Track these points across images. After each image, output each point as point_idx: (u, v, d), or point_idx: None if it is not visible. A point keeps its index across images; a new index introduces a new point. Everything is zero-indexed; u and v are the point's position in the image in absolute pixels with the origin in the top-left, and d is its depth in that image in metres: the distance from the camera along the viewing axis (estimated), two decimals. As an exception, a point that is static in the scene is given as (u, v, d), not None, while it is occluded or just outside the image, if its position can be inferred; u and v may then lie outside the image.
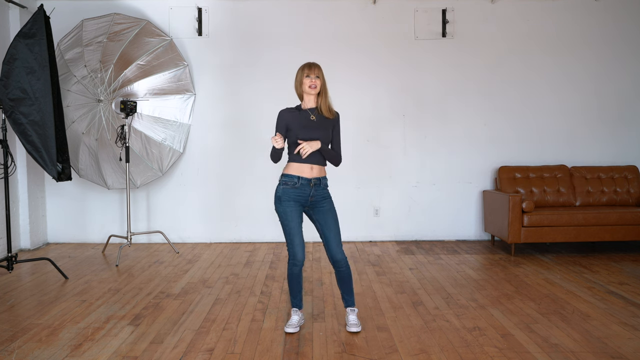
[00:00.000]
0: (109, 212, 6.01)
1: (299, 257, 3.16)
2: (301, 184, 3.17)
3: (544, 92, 6.04)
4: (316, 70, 3.20)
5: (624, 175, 5.86)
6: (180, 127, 5.67)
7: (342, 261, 3.20)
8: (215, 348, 3.00)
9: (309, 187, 3.18)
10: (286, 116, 3.24)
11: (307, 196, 3.19)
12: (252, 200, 6.01)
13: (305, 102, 3.27)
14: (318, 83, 3.18)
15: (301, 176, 3.17)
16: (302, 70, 3.22)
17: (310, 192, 3.19)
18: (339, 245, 3.20)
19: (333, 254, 3.19)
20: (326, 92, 3.23)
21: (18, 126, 4.40)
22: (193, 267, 4.90)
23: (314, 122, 3.21)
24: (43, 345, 3.04)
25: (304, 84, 3.20)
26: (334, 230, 3.20)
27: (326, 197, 3.24)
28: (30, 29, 4.43)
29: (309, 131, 3.18)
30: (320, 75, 3.20)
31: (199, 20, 5.89)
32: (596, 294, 3.98)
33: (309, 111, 3.24)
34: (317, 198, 3.21)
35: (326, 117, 3.23)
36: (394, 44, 5.99)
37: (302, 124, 3.19)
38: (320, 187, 3.21)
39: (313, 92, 3.19)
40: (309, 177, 3.18)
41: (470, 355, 2.89)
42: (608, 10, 6.01)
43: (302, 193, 3.18)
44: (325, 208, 3.22)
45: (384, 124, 6.01)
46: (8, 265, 4.34)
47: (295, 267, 3.19)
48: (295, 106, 3.32)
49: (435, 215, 6.10)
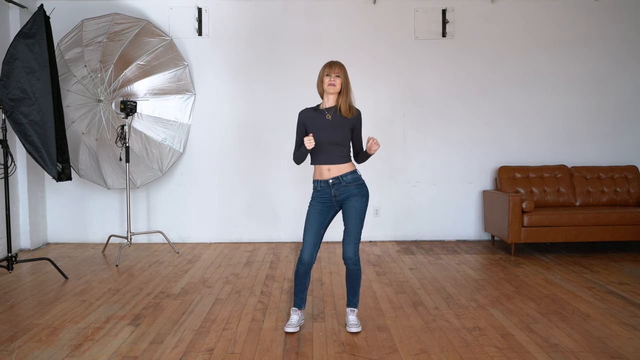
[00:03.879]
0: (109, 212, 6.01)
1: (304, 256, 3.16)
2: (321, 186, 3.22)
3: (544, 92, 6.04)
4: (337, 69, 3.18)
5: (624, 175, 5.86)
6: (180, 127, 5.67)
7: (350, 259, 3.19)
8: (215, 348, 3.00)
9: (328, 187, 3.20)
10: (304, 117, 3.27)
11: (330, 197, 3.21)
12: (253, 200, 6.01)
13: (324, 101, 3.26)
14: (338, 82, 3.17)
15: (320, 179, 3.23)
16: (323, 68, 3.22)
17: (331, 193, 3.20)
18: (351, 244, 3.18)
19: (344, 250, 3.20)
20: (348, 91, 3.20)
21: (18, 126, 4.40)
22: (193, 267, 4.90)
23: (330, 122, 3.19)
24: (43, 345, 3.04)
25: (324, 82, 3.19)
26: (350, 228, 3.19)
27: (353, 195, 3.20)
28: (30, 29, 4.43)
29: (324, 131, 3.18)
30: (340, 75, 3.18)
31: (199, 20, 5.89)
32: (596, 294, 3.98)
33: (325, 110, 3.23)
34: (342, 196, 3.21)
35: (344, 117, 3.21)
36: (394, 44, 5.99)
37: (318, 124, 3.20)
38: (341, 186, 3.20)
39: (332, 91, 3.18)
40: (327, 179, 3.20)
41: (470, 355, 2.89)
42: (608, 10, 6.01)
43: (324, 195, 3.22)
44: (349, 205, 3.20)
45: (384, 123, 6.01)
46: (8, 265, 4.34)
47: (301, 265, 3.20)
48: (315, 105, 3.33)
49: (435, 215, 6.10)
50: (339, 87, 3.19)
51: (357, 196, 3.21)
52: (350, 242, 3.19)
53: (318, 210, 3.21)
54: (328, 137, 3.17)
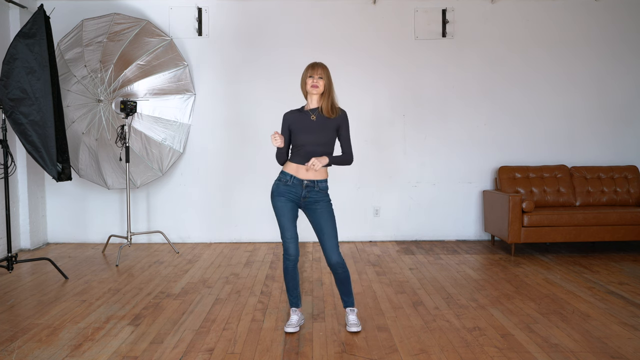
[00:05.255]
0: (109, 212, 6.01)
1: (291, 251, 3.16)
2: (293, 182, 3.18)
3: (544, 92, 6.05)
4: (319, 70, 3.17)
5: (624, 175, 5.86)
6: (180, 127, 5.67)
7: (337, 264, 3.17)
8: (215, 348, 3.00)
9: (301, 187, 3.18)
10: (289, 118, 3.26)
11: (299, 196, 3.19)
12: (252, 200, 6.01)
13: (309, 102, 3.26)
14: (321, 83, 3.16)
15: (295, 176, 3.19)
16: (306, 69, 3.21)
17: (302, 193, 3.18)
18: (334, 249, 3.15)
19: (328, 258, 3.16)
20: (330, 92, 3.20)
21: (18, 126, 4.40)
22: (193, 267, 4.90)
23: (314, 123, 3.19)
24: (43, 345, 3.04)
25: (307, 84, 3.19)
26: (328, 233, 3.16)
27: (320, 200, 3.20)
28: (30, 29, 4.43)
29: (309, 132, 3.17)
30: (323, 76, 3.17)
31: (199, 20, 5.89)
32: (596, 294, 3.98)
33: (310, 112, 3.23)
34: (310, 200, 3.19)
35: (327, 117, 3.21)
36: (394, 44, 5.99)
37: (303, 125, 3.19)
38: (314, 190, 3.19)
39: (315, 92, 3.17)
40: (302, 179, 3.18)
41: (470, 355, 2.89)
42: (608, 10, 6.01)
43: (293, 191, 3.18)
44: (318, 211, 3.18)
45: (384, 124, 6.01)
46: (8, 265, 4.34)
47: (289, 261, 3.19)
48: (299, 107, 3.32)
49: (435, 215, 6.10)
50: (322, 88, 3.18)
51: (323, 202, 3.21)
52: (333, 246, 3.15)
53: (290, 207, 3.18)
54: (313, 138, 3.17)
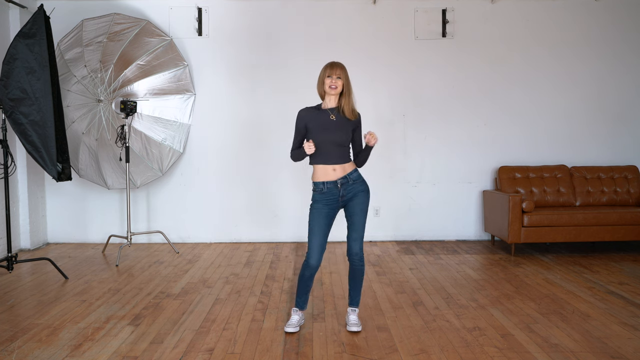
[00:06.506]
0: (109, 212, 6.01)
1: (312, 261, 3.13)
2: (328, 188, 3.16)
3: (544, 92, 6.04)
4: (338, 70, 3.15)
5: (624, 175, 5.86)
6: (180, 127, 5.67)
7: (357, 255, 3.20)
8: (215, 348, 3.00)
9: (337, 188, 3.17)
10: (305, 116, 3.21)
11: (337, 197, 3.17)
12: (252, 200, 6.01)
13: (325, 102, 3.23)
14: (339, 84, 3.15)
15: (326, 181, 3.17)
16: (324, 69, 3.18)
17: (339, 193, 3.17)
18: (358, 240, 3.20)
19: (350, 247, 3.21)
20: (349, 92, 3.18)
21: (18, 126, 4.40)
22: (193, 267, 4.90)
23: (334, 122, 3.17)
24: (43, 345, 3.04)
25: (325, 84, 3.17)
26: (357, 224, 3.19)
27: (359, 192, 3.20)
28: (30, 29, 4.42)
29: (328, 131, 3.15)
30: (342, 76, 3.15)
31: (199, 20, 5.89)
32: (596, 294, 3.98)
33: (329, 111, 3.21)
34: (349, 195, 3.19)
35: (347, 118, 3.19)
36: (394, 44, 5.99)
37: (322, 124, 3.16)
38: (349, 185, 3.18)
39: (333, 93, 3.16)
40: (334, 180, 3.16)
41: (470, 355, 2.89)
42: (608, 10, 6.01)
43: (330, 197, 3.17)
44: (355, 202, 3.19)
45: (384, 123, 6.01)
46: (8, 265, 4.34)
47: (307, 270, 3.16)
48: (315, 105, 3.29)
49: (435, 215, 6.10)
50: (341, 89, 3.16)
51: (362, 192, 3.21)
52: (357, 238, 3.20)
53: (325, 214, 3.15)
54: (332, 138, 3.15)
